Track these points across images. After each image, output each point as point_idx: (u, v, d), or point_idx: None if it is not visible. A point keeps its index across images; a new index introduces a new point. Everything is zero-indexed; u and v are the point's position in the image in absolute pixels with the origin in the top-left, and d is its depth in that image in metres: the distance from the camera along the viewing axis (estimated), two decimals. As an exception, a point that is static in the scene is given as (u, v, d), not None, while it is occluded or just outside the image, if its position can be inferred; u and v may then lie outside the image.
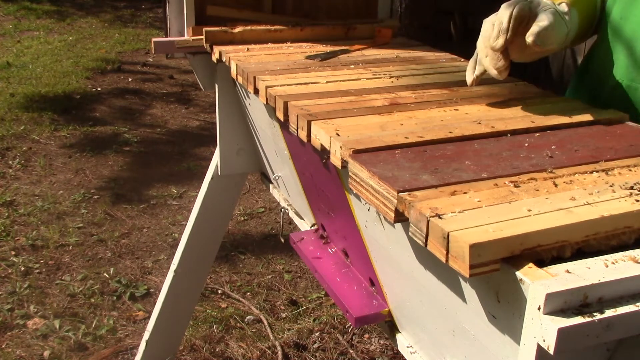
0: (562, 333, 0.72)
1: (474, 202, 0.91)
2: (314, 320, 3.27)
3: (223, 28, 1.97)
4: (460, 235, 0.82)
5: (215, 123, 2.17)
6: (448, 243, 0.84)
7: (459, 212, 0.88)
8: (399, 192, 0.95)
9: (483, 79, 1.40)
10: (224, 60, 1.85)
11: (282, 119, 1.41)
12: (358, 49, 1.92)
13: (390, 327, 1.33)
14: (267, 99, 1.50)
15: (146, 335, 2.69)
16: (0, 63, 7.21)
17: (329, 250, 1.55)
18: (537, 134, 1.22)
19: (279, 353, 3.01)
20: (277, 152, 1.83)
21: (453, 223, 0.85)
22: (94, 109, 6.15)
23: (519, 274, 0.79)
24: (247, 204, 4.47)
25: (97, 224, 4.11)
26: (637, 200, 0.92)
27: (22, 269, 3.58)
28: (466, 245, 0.80)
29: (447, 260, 0.85)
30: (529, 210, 0.88)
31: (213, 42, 1.94)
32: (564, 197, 0.94)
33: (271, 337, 3.11)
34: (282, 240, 1.86)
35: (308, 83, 1.53)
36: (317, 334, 3.17)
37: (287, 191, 1.90)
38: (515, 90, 1.51)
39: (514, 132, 1.22)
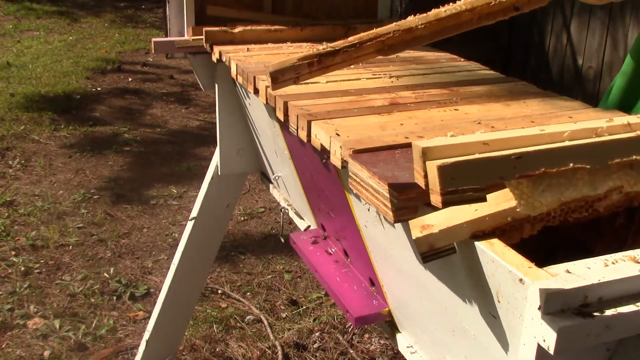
0: (562, 333, 0.71)
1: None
2: (314, 320, 3.27)
3: (223, 28, 1.97)
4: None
5: (215, 123, 2.17)
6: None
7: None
8: (399, 192, 0.95)
9: (482, 79, 1.40)
10: (224, 60, 1.85)
11: (282, 119, 1.41)
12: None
13: (391, 327, 1.33)
14: (267, 98, 1.50)
15: (146, 335, 2.69)
16: (0, 63, 7.21)
17: (329, 250, 1.55)
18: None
19: (279, 353, 3.01)
20: (277, 152, 1.83)
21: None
22: (94, 109, 6.15)
23: (517, 272, 0.79)
24: (247, 204, 4.47)
25: (97, 224, 4.11)
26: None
27: (22, 269, 3.58)
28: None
29: None
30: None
31: (213, 42, 1.94)
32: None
33: (271, 337, 3.11)
34: (282, 240, 1.86)
35: (308, 83, 1.53)
36: (317, 334, 3.17)
37: (287, 191, 1.90)
38: (515, 90, 1.51)
39: (514, 132, 1.22)
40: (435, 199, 0.78)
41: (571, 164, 0.82)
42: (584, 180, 0.87)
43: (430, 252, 0.86)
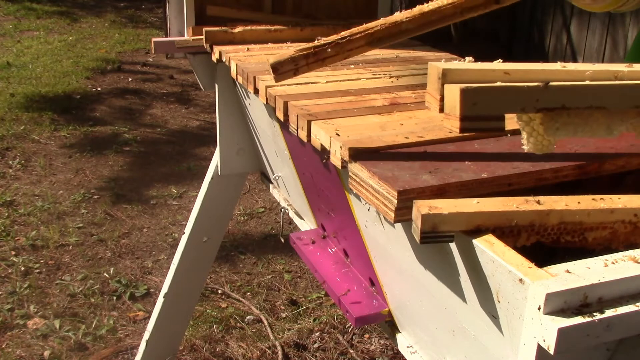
0: (562, 333, 0.71)
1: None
2: (314, 320, 3.27)
3: (223, 28, 1.97)
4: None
5: (215, 123, 2.17)
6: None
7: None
8: (399, 192, 0.95)
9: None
10: (224, 60, 1.85)
11: (282, 119, 1.41)
12: (358, 49, 1.91)
13: (391, 327, 1.33)
14: (267, 99, 1.50)
15: (146, 335, 2.69)
16: (0, 63, 7.21)
17: (329, 250, 1.55)
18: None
19: (279, 353, 3.01)
20: (277, 152, 1.83)
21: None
22: (94, 109, 6.15)
23: (517, 272, 0.79)
24: (247, 204, 4.47)
25: (97, 224, 4.11)
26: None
27: (22, 269, 3.58)
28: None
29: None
30: None
31: (213, 42, 1.94)
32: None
33: (271, 337, 3.11)
34: (282, 240, 1.86)
35: (308, 83, 1.53)
36: (317, 334, 3.17)
37: (287, 191, 1.90)
38: (515, 90, 1.51)
39: (514, 132, 1.22)
40: (452, 123, 0.75)
41: (591, 104, 0.80)
42: (599, 123, 0.86)
43: (431, 234, 0.86)
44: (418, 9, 1.15)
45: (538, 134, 0.83)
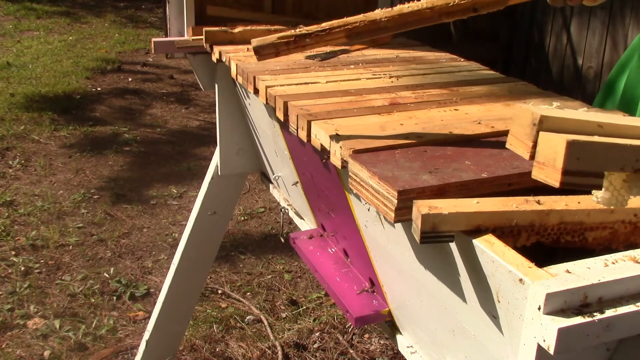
0: (562, 333, 0.71)
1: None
2: (314, 320, 3.27)
3: (223, 28, 1.97)
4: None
5: (215, 123, 2.17)
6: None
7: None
8: (399, 192, 0.95)
9: (482, 79, 1.39)
10: (224, 60, 1.85)
11: (282, 119, 1.41)
12: (358, 49, 1.91)
13: (391, 327, 1.33)
14: (267, 99, 1.50)
15: (146, 335, 2.69)
16: (0, 63, 7.21)
17: (329, 250, 1.55)
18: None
19: (279, 353, 3.01)
20: (277, 152, 1.83)
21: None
22: (94, 109, 6.15)
23: (517, 272, 0.79)
24: (247, 204, 4.47)
25: (97, 224, 4.11)
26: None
27: (22, 269, 3.58)
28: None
29: None
30: None
31: (213, 42, 1.94)
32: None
33: (271, 337, 3.11)
34: (282, 240, 1.86)
35: (308, 83, 1.53)
36: (317, 334, 3.17)
37: (287, 191, 1.90)
38: (516, 90, 1.51)
39: (514, 132, 1.22)
40: (549, 175, 0.71)
41: None
42: None
43: (431, 233, 0.86)
44: (398, 9, 1.18)
45: (615, 189, 0.79)
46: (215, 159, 2.25)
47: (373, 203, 1.01)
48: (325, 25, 1.22)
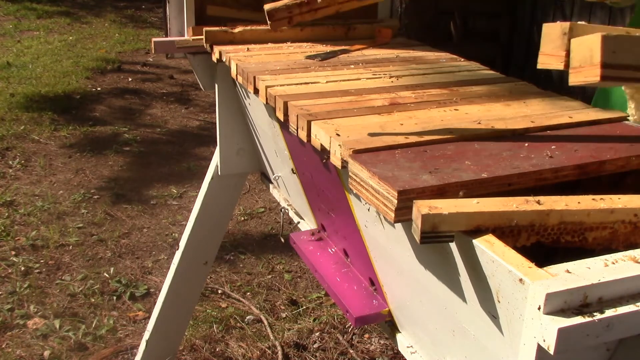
0: (562, 333, 0.71)
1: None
2: (314, 320, 3.27)
3: (223, 28, 1.97)
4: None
5: (215, 123, 2.17)
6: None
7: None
8: (399, 192, 0.95)
9: (482, 79, 1.39)
10: (224, 60, 1.85)
11: (282, 119, 1.41)
12: (358, 49, 1.91)
13: (391, 327, 1.33)
14: (267, 98, 1.50)
15: (146, 335, 2.69)
16: (0, 63, 7.21)
17: (329, 250, 1.55)
18: (537, 134, 1.22)
19: (279, 353, 3.01)
20: (277, 152, 1.83)
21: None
22: (94, 109, 6.15)
23: (517, 272, 0.79)
24: (247, 204, 4.47)
25: (97, 224, 4.11)
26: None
27: (22, 269, 3.58)
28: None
29: None
30: None
31: (213, 42, 1.94)
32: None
33: (271, 337, 3.11)
34: (282, 240, 1.86)
35: (308, 83, 1.53)
36: (317, 333, 3.17)
37: (287, 191, 1.90)
38: (515, 90, 1.51)
39: (514, 132, 1.22)
40: (588, 74, 0.70)
41: None
42: None
43: (431, 234, 0.86)
44: None
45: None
46: (215, 159, 2.25)
47: (373, 203, 1.01)
48: None
